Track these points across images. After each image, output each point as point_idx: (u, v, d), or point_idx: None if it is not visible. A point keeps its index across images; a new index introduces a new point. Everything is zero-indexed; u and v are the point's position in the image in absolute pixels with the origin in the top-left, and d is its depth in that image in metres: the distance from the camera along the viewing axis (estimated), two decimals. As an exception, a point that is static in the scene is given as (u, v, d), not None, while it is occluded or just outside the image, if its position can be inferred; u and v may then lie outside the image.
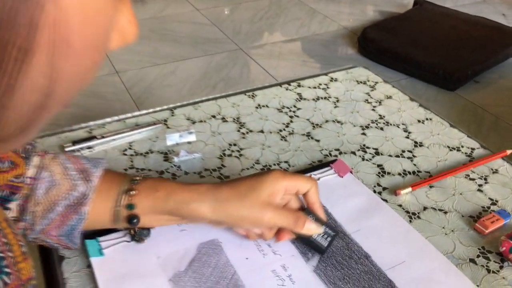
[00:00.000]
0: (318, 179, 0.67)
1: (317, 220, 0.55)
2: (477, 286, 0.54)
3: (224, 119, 0.81)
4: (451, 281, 0.54)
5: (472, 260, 0.57)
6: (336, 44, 2.58)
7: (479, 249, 0.58)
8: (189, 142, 0.75)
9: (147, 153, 0.73)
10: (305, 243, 0.57)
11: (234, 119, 0.81)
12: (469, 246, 0.59)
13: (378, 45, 2.36)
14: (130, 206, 0.52)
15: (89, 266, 0.54)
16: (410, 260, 0.56)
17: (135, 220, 0.52)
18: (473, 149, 0.76)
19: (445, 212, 0.63)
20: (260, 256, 0.56)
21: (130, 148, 0.73)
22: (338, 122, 0.81)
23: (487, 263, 0.57)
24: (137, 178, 0.54)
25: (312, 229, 0.54)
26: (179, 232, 0.59)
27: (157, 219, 0.54)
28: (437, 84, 2.18)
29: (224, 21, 2.77)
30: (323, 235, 0.55)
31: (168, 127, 0.78)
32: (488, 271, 0.56)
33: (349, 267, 0.55)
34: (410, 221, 0.62)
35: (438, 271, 0.55)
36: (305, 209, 0.56)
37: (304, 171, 0.69)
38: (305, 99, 0.87)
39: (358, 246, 0.58)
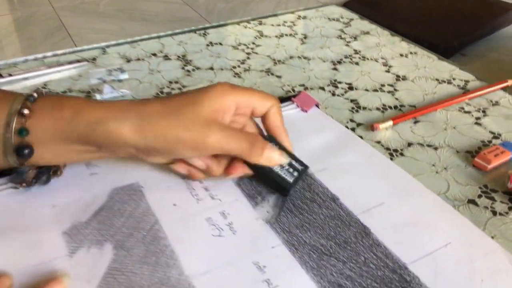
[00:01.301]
0: (276, 114, 0.53)
1: (281, 149, 0.42)
2: (482, 230, 0.40)
3: (166, 57, 0.67)
4: (445, 223, 0.40)
5: (472, 201, 0.43)
6: (316, 21, 2.44)
7: (480, 188, 0.45)
8: (119, 81, 0.61)
9: (64, 92, 0.58)
10: (264, 181, 0.43)
11: (179, 56, 0.67)
12: (467, 185, 0.45)
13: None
14: (22, 131, 0.37)
15: (-42, 219, 0.40)
16: (391, 201, 0.42)
17: (26, 151, 0.37)
18: (467, 81, 0.62)
19: (435, 148, 0.50)
20: (193, 202, 0.42)
21: (44, 87, 0.59)
22: (305, 58, 0.67)
23: (492, 203, 0.43)
24: (34, 94, 0.39)
25: (274, 157, 0.40)
26: (89, 177, 0.44)
27: (63, 151, 0.39)
28: (422, 57, 2.06)
29: (197, 0, 2.62)
30: (288, 169, 0.41)
31: (96, 66, 0.64)
32: (494, 213, 0.42)
33: (310, 212, 0.41)
34: (391, 159, 0.48)
35: (427, 213, 0.41)
36: (266, 137, 0.42)
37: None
38: (266, 36, 0.73)
39: (323, 187, 0.44)
